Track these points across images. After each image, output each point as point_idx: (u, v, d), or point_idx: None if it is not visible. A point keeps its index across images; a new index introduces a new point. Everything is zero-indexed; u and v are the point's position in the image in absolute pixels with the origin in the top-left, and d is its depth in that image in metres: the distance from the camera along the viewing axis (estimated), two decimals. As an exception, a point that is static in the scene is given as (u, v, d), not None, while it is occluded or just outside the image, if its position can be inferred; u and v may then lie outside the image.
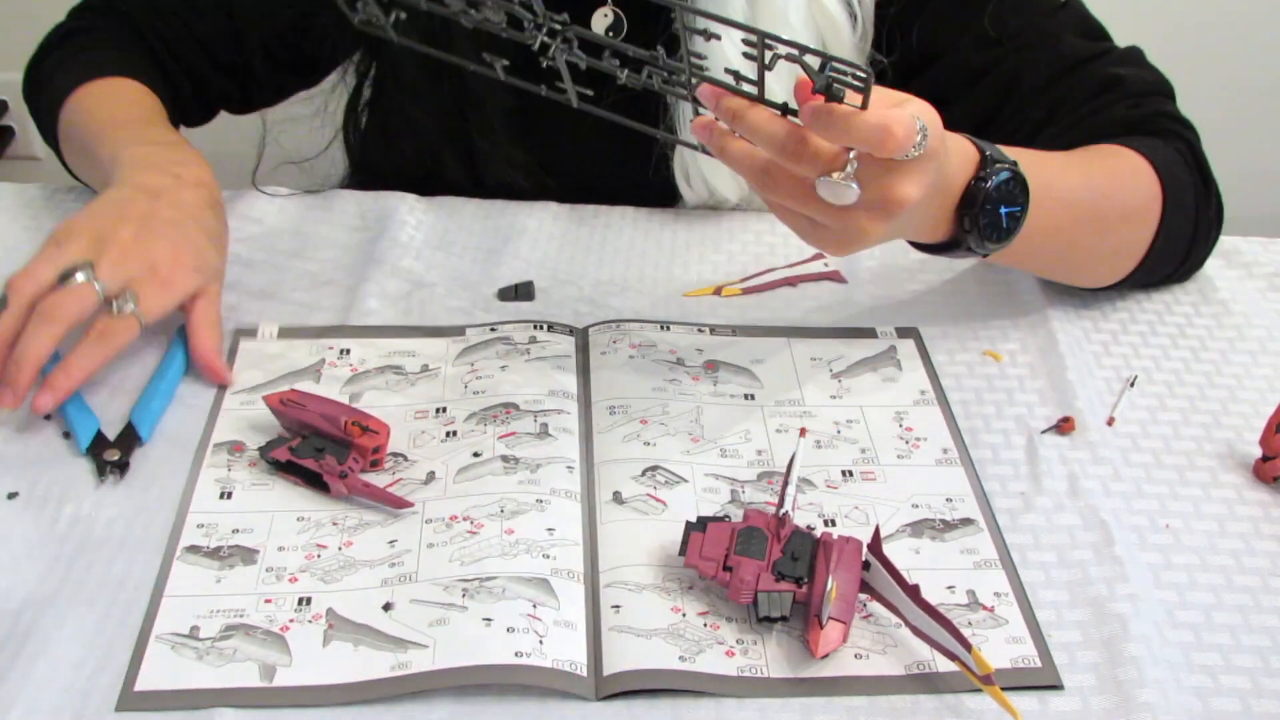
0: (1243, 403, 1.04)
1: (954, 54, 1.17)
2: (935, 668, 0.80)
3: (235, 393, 1.00)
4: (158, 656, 0.79)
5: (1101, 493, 0.94)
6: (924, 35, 1.17)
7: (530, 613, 0.81)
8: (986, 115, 1.17)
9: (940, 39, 1.17)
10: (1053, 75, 1.15)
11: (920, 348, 1.08)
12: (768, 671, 0.80)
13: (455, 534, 0.87)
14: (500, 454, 0.93)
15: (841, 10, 1.14)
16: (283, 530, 0.88)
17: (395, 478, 0.92)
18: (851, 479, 0.94)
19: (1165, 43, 1.34)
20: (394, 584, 0.84)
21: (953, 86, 1.18)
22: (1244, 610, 0.86)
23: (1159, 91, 1.16)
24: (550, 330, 1.06)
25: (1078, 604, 0.85)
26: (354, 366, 1.03)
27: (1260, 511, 0.93)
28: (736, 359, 1.05)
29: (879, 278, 1.16)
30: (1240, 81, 2.30)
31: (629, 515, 0.90)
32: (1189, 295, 1.16)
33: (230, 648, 0.80)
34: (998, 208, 0.94)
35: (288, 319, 1.08)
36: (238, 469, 0.93)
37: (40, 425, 0.95)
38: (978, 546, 0.89)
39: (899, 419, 1.00)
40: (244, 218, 1.20)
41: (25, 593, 0.83)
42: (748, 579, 0.81)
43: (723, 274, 1.16)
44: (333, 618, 0.82)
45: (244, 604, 0.83)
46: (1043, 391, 1.03)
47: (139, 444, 0.94)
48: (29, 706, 0.76)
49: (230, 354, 1.04)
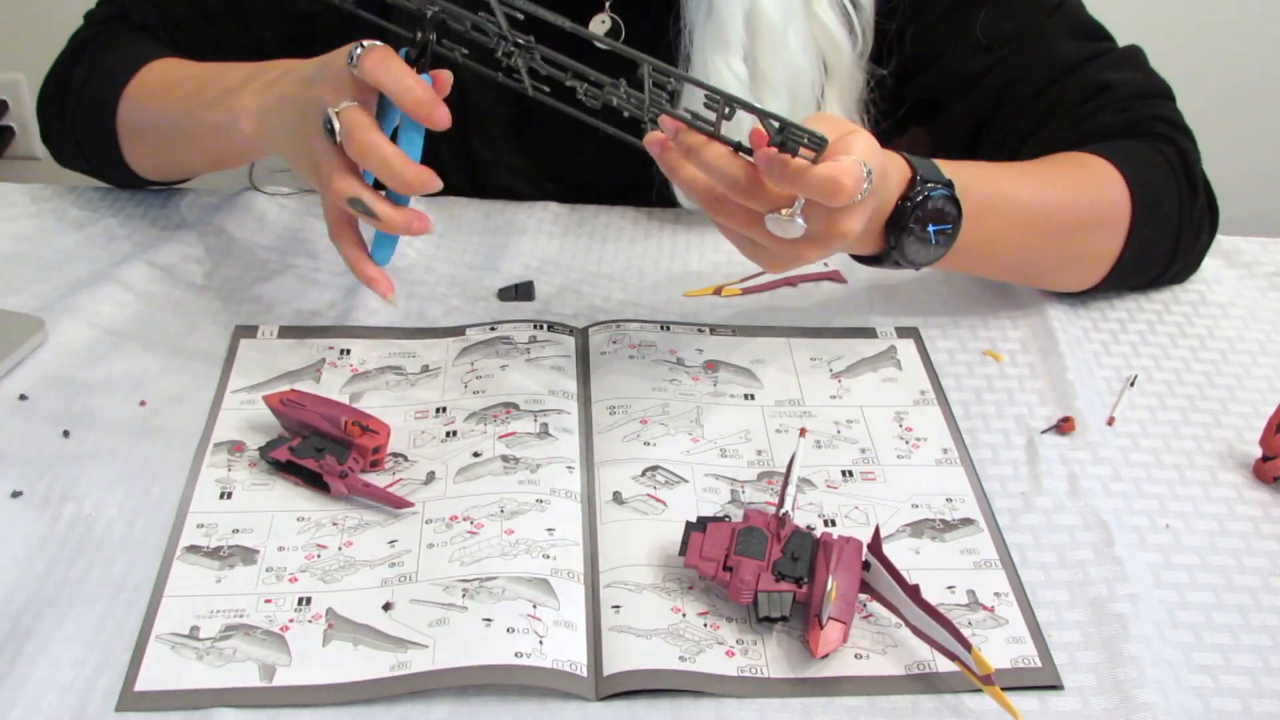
0: (1243, 403, 1.03)
1: (947, 60, 1.16)
2: (935, 668, 0.79)
3: (235, 392, 0.99)
4: (158, 656, 0.78)
5: (1101, 493, 0.93)
6: (918, 41, 1.16)
7: (530, 613, 0.81)
8: (980, 121, 1.17)
9: (933, 44, 1.16)
10: (1044, 82, 1.14)
11: (920, 348, 1.07)
12: (768, 671, 0.79)
13: (455, 534, 0.86)
14: (500, 454, 0.93)
15: (841, 28, 1.13)
16: (283, 530, 0.87)
17: (395, 478, 0.92)
18: (851, 479, 0.94)
19: (1166, 43, 1.34)
20: (394, 584, 0.83)
21: (946, 92, 1.17)
22: (1244, 610, 0.85)
23: (1152, 94, 1.15)
24: (550, 330, 1.06)
25: (1078, 604, 0.84)
26: (354, 367, 1.02)
27: (1260, 511, 0.93)
28: (737, 359, 1.04)
29: (879, 277, 1.15)
30: (1240, 82, 2.30)
31: (629, 515, 0.89)
32: (1189, 295, 1.16)
33: (230, 648, 0.79)
34: (925, 226, 0.95)
35: (288, 319, 1.07)
36: (238, 469, 0.92)
37: (41, 425, 0.94)
38: (978, 546, 0.88)
39: (899, 419, 0.99)
40: (244, 217, 1.20)
41: (26, 593, 0.82)
42: (748, 579, 0.81)
43: (722, 274, 1.15)
44: (333, 617, 0.81)
45: (244, 604, 0.82)
46: (1042, 391, 1.03)
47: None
48: (29, 706, 0.75)
49: (230, 353, 1.03)
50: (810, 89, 1.13)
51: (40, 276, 1.10)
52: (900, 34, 1.16)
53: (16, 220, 1.19)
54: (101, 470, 0.91)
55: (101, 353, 1.02)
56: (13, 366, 0.99)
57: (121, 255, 1.14)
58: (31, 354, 1.01)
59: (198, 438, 0.95)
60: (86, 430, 0.95)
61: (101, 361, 1.01)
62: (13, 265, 1.11)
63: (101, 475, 0.91)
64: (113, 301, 1.07)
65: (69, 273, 1.11)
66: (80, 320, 1.04)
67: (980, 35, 1.14)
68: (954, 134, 1.19)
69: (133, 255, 1.13)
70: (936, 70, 1.17)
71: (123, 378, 1.00)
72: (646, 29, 1.14)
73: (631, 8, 1.16)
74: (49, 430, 0.95)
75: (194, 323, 1.06)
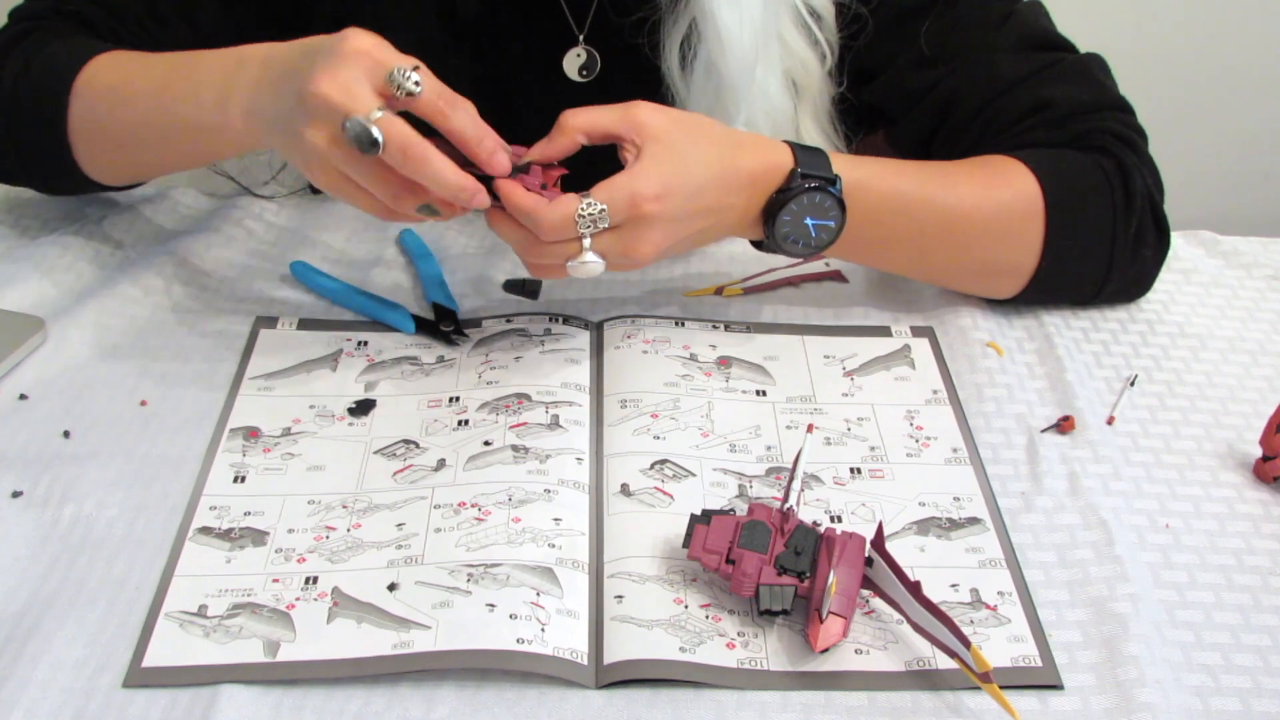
0: (1243, 403, 0.99)
1: (894, 73, 1.10)
2: (935, 665, 0.76)
3: (252, 379, 0.96)
4: (166, 633, 0.77)
5: (1101, 492, 0.90)
6: (866, 52, 1.09)
7: (533, 600, 0.78)
8: (926, 136, 1.11)
9: (881, 56, 1.09)
10: (982, 100, 1.07)
11: (935, 347, 1.03)
12: (768, 665, 0.76)
13: (463, 520, 0.84)
14: (511, 443, 0.90)
15: (808, 48, 1.07)
16: (293, 513, 0.85)
17: (406, 464, 0.89)
18: (860, 476, 0.90)
19: (1165, 43, 1.29)
20: (400, 565, 0.81)
21: (894, 105, 1.11)
22: (1244, 610, 0.82)
23: (1097, 108, 1.07)
24: (565, 323, 1.03)
25: (1078, 603, 0.81)
26: (370, 357, 0.99)
27: (1260, 511, 0.89)
28: (750, 355, 1.01)
29: (887, 274, 1.11)
30: (1241, 82, 2.24)
31: (636, 508, 0.86)
32: (1188, 295, 1.12)
33: (236, 625, 0.77)
34: (801, 219, 0.93)
35: (305, 314, 1.04)
36: (252, 454, 0.89)
37: (41, 425, 0.91)
38: (983, 545, 0.85)
39: (910, 418, 0.96)
40: (243, 216, 1.16)
41: (27, 593, 0.79)
42: (750, 572, 0.78)
43: (724, 274, 1.11)
44: (338, 596, 0.79)
45: (252, 584, 0.80)
46: (1042, 391, 0.99)
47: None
48: (35, 698, 0.73)
49: (250, 343, 1.00)
50: (790, 120, 1.09)
51: (40, 276, 1.06)
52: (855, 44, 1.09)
53: (17, 222, 1.14)
54: (101, 470, 0.88)
55: (102, 352, 0.99)
56: (13, 366, 0.96)
57: (121, 255, 1.10)
58: (31, 354, 0.97)
59: (209, 427, 0.92)
60: (86, 430, 0.91)
61: (102, 361, 0.98)
62: (12, 264, 1.07)
63: (101, 475, 0.87)
64: (113, 301, 1.03)
65: (69, 272, 1.07)
66: (80, 320, 1.00)
67: (926, 48, 1.07)
68: (906, 145, 1.13)
69: (133, 255, 1.09)
70: (884, 83, 1.11)
71: (123, 377, 0.96)
72: (622, 62, 1.09)
73: (606, 41, 1.11)
74: (49, 430, 0.91)
75: (194, 323, 1.03)
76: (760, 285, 1.09)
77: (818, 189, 0.92)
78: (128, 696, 0.73)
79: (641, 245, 0.88)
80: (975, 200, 1.00)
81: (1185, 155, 1.60)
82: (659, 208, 0.87)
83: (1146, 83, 1.36)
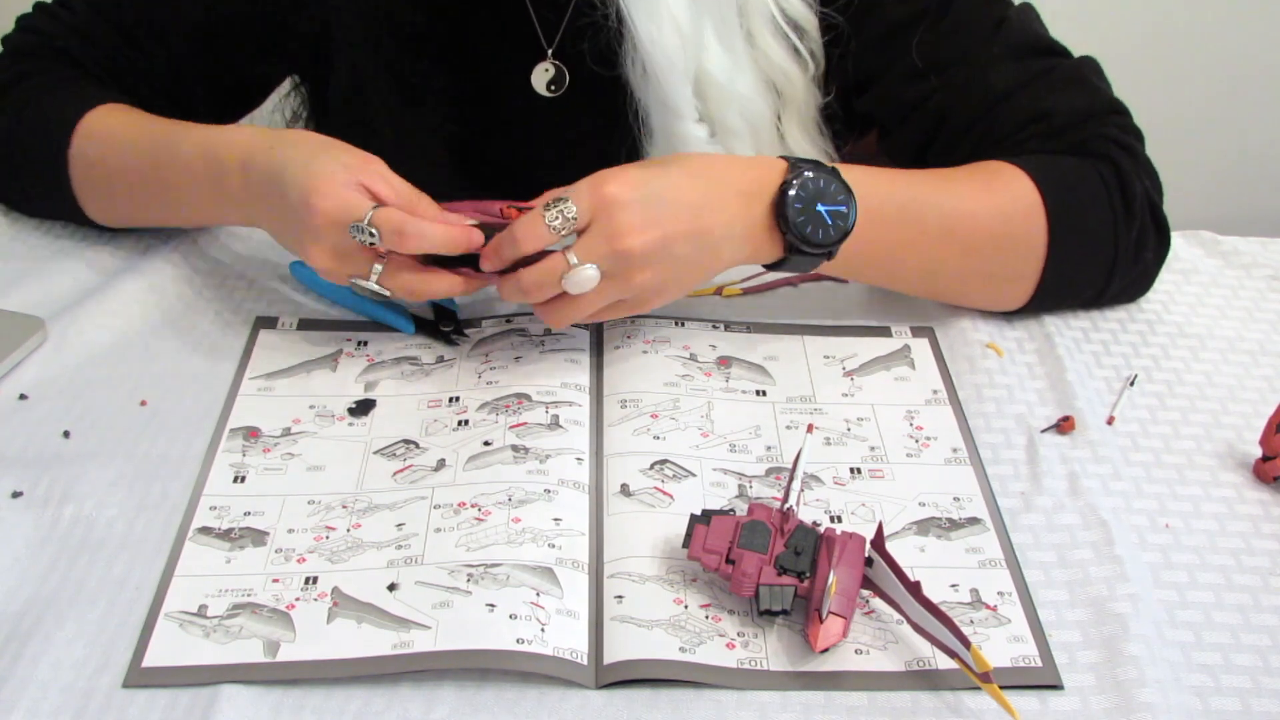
0: (1243, 403, 0.98)
1: (886, 85, 1.08)
2: (935, 665, 0.75)
3: (253, 379, 0.95)
4: (166, 633, 0.76)
5: (1101, 492, 0.89)
6: (857, 63, 1.08)
7: (533, 600, 0.77)
8: (920, 147, 1.09)
9: (872, 68, 1.08)
10: (976, 114, 1.06)
11: (935, 347, 1.02)
12: (768, 665, 0.75)
13: (463, 520, 0.83)
14: (511, 444, 0.89)
15: (788, 56, 1.06)
16: (293, 513, 0.84)
17: (406, 464, 0.88)
18: (860, 476, 0.89)
19: (1165, 43, 1.28)
20: (400, 566, 0.80)
21: (887, 116, 1.10)
22: (1244, 610, 0.81)
23: (1094, 114, 1.05)
24: (565, 323, 1.02)
25: (1078, 604, 0.80)
26: (370, 357, 0.98)
27: (1260, 511, 0.88)
28: (750, 355, 1.00)
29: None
30: (1241, 82, 2.23)
31: (636, 508, 0.85)
32: (1188, 295, 1.11)
33: (236, 625, 0.76)
34: (813, 205, 0.91)
35: (305, 314, 1.03)
36: (252, 454, 0.89)
37: (41, 425, 0.90)
38: (983, 546, 0.84)
39: (910, 418, 0.95)
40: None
41: (27, 593, 0.78)
42: (749, 572, 0.77)
43: (724, 274, 1.10)
44: (338, 596, 0.78)
45: (252, 584, 0.79)
46: (1042, 391, 0.98)
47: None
48: (35, 697, 0.72)
49: (250, 343, 0.99)
50: (770, 124, 1.08)
51: (40, 276, 1.05)
52: (842, 56, 1.08)
53: (16, 219, 1.13)
54: (101, 470, 0.87)
55: (102, 352, 0.98)
56: (13, 366, 0.95)
57: (121, 255, 1.08)
58: (31, 354, 0.96)
59: (209, 427, 0.91)
60: (86, 430, 0.90)
61: (102, 361, 0.97)
62: (13, 265, 1.06)
63: (101, 475, 0.86)
64: (112, 301, 1.02)
65: (69, 272, 1.06)
66: (80, 320, 0.99)
67: (917, 60, 1.06)
68: (900, 156, 1.11)
69: (132, 255, 1.08)
70: (876, 95, 1.09)
71: (123, 377, 0.95)
72: (589, 76, 1.07)
73: (574, 57, 1.09)
74: (49, 430, 0.90)
75: (194, 323, 1.02)
76: (760, 285, 1.08)
77: (818, 174, 0.91)
78: (128, 696, 0.72)
79: (625, 236, 0.86)
80: (976, 202, 0.99)
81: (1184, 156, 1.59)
82: (621, 189, 0.87)
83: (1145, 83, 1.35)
